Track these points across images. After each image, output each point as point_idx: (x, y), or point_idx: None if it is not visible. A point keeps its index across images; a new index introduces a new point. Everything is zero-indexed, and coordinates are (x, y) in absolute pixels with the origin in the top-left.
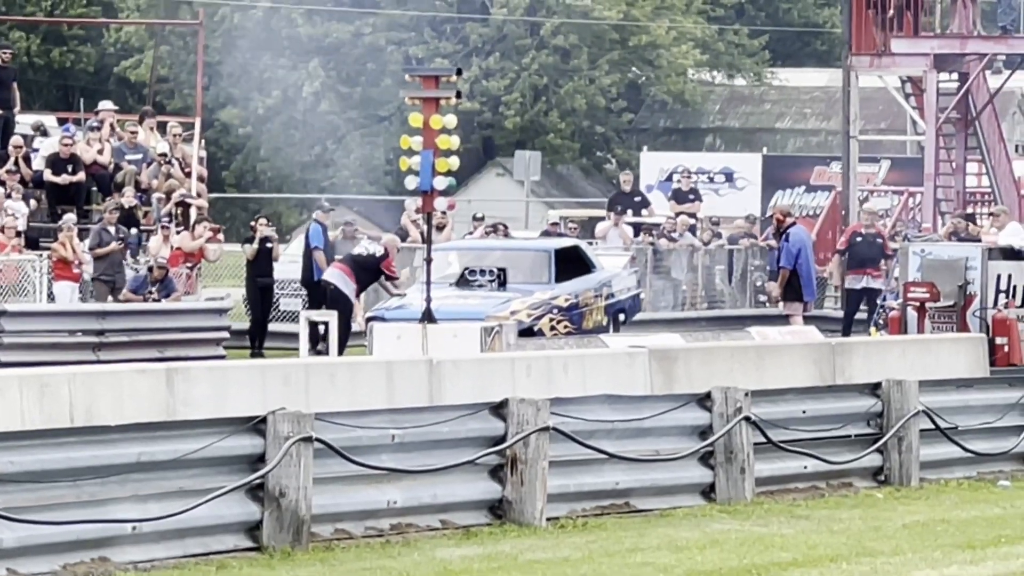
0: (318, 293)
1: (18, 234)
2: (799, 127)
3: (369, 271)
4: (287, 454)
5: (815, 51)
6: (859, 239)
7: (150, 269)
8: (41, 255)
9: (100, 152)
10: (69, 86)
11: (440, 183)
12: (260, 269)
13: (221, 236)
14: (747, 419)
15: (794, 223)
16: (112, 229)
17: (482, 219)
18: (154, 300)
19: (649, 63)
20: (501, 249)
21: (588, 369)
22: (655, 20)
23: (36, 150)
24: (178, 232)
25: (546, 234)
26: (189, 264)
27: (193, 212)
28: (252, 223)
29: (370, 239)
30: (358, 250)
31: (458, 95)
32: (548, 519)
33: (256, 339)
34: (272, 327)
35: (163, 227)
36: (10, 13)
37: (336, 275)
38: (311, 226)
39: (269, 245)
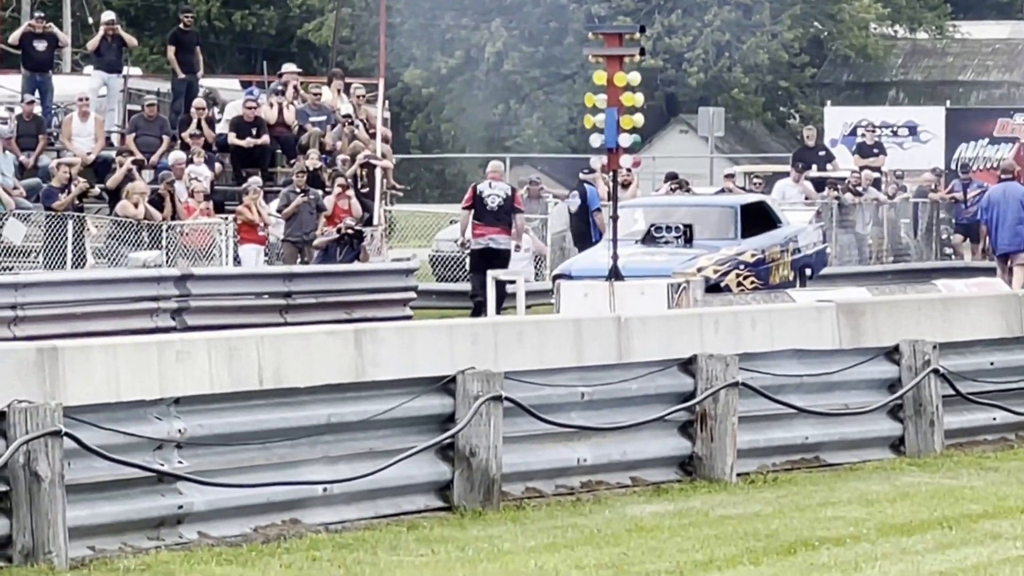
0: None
1: (206, 197)
2: (982, 79)
3: (510, 213)
4: (477, 413)
5: (996, 3)
6: None
7: (338, 230)
8: (227, 218)
9: (283, 115)
10: (252, 49)
11: (625, 140)
12: None
13: (350, 193)
14: (935, 372)
15: (1010, 178)
16: (299, 191)
17: (674, 177)
18: (342, 261)
19: (831, 17)
20: (687, 206)
21: (775, 324)
22: None
23: (219, 119)
24: (363, 191)
25: (722, 190)
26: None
27: (378, 173)
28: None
29: (490, 186)
30: (491, 206)
31: (642, 52)
32: (738, 474)
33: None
34: (460, 287)
35: (333, 187)
36: None
37: (502, 240)
38: (588, 188)
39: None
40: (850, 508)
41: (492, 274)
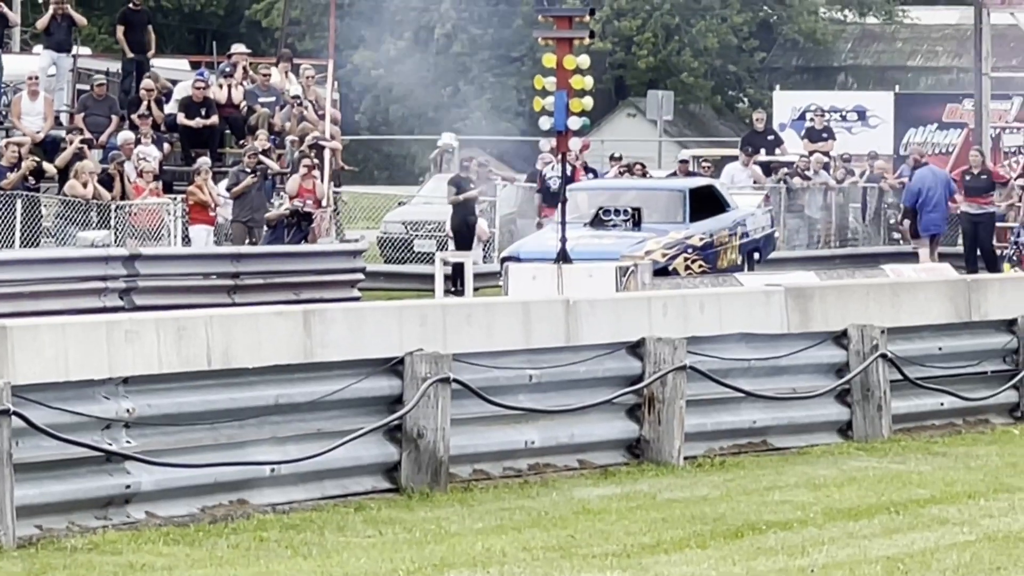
0: None
1: (155, 178)
2: (931, 65)
3: None
4: (425, 395)
5: None
6: None
7: (292, 213)
8: (175, 199)
9: (232, 95)
10: (201, 30)
11: (574, 123)
12: (468, 208)
13: (316, 174)
14: (883, 356)
15: (925, 163)
16: (248, 172)
17: (619, 159)
18: (291, 241)
19: (780, 2)
20: (635, 189)
21: (724, 308)
22: None
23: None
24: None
25: (673, 174)
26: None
27: (327, 154)
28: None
29: (552, 168)
30: (553, 188)
31: (591, 35)
32: (685, 458)
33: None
34: (407, 268)
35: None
36: None
37: None
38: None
39: (472, 185)
40: (797, 492)
41: (440, 256)
